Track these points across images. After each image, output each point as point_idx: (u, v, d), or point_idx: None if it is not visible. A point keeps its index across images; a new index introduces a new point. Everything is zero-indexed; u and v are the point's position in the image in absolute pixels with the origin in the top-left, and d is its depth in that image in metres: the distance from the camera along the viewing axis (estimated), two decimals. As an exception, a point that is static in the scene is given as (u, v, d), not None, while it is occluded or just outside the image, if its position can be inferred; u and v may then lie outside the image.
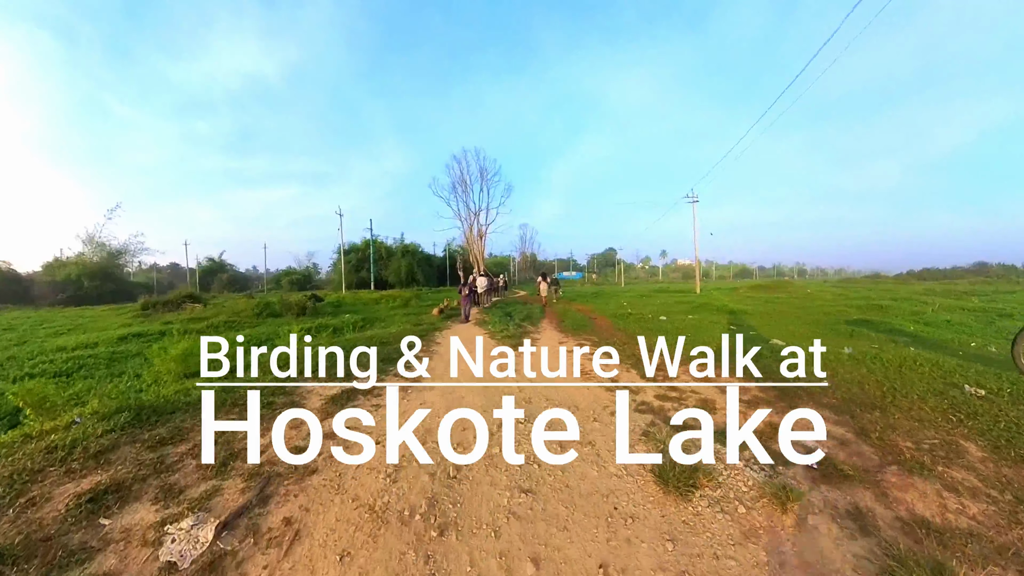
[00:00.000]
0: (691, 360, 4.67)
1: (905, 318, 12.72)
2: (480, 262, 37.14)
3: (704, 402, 4.54)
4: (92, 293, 37.88)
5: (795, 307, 17.17)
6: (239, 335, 9.13)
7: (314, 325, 11.80)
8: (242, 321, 16.24)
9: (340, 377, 5.51)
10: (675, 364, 4.22)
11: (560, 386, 5.18)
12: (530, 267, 59.86)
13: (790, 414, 2.89)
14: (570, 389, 5.13)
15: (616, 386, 4.81)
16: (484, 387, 5.06)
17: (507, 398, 3.23)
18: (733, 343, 4.14)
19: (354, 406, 4.57)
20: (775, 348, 6.92)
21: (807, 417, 2.87)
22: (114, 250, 42.09)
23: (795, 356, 4.50)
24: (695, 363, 4.59)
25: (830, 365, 5.57)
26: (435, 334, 10.38)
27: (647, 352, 4.58)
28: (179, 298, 24.17)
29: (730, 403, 3.20)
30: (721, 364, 4.44)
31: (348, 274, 44.14)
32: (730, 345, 4.19)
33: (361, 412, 3.31)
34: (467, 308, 16.99)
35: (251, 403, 2.95)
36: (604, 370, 5.20)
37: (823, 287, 37.82)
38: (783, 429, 2.83)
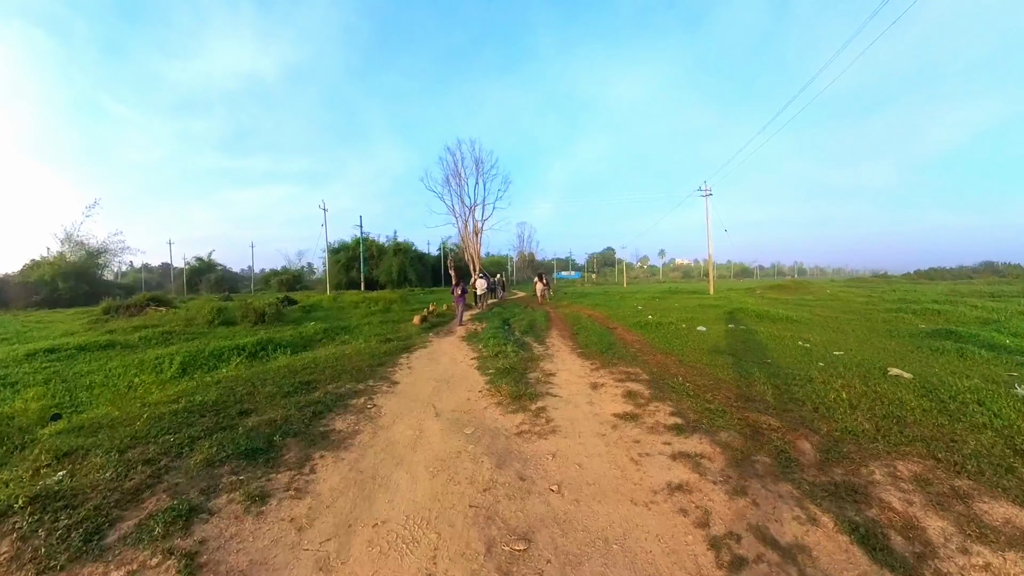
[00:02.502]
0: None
1: (980, 326, 10.39)
2: (476, 261, 34.78)
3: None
4: (66, 295, 36.02)
5: (841, 312, 14.74)
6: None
7: (253, 340, 9.54)
8: (192, 331, 14.02)
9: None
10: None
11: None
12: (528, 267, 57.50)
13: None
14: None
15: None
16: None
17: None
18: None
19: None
20: (914, 387, 4.97)
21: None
22: (93, 249, 39.94)
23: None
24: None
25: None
26: (396, 365, 7.28)
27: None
28: (142, 301, 22.43)
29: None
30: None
31: (337, 274, 41.92)
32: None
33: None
34: (460, 311, 15.32)
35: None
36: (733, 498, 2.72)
37: (843, 288, 35.39)
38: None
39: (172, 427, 3.99)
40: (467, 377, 6.26)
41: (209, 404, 4.69)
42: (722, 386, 5.33)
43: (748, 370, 5.98)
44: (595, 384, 5.66)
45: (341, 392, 5.28)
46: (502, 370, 6.41)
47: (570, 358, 7.49)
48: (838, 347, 8.05)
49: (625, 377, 5.94)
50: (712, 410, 4.36)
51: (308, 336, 11.26)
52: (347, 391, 5.34)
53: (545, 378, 6.01)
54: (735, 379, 5.62)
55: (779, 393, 4.90)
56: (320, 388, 5.42)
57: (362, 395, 5.25)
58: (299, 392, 5.20)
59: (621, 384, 5.57)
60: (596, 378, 6.00)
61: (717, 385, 5.37)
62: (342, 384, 5.68)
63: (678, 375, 5.89)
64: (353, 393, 5.28)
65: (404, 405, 4.88)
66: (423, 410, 4.68)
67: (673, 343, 8.53)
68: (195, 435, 3.77)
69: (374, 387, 5.67)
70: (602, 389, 5.42)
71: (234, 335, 12.01)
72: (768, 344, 8.31)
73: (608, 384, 5.63)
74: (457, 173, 34.45)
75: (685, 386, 5.27)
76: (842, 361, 6.65)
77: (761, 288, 30.78)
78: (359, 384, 5.72)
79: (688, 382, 5.48)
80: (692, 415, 4.24)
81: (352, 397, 5.13)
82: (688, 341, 8.76)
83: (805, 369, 6.07)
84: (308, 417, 4.28)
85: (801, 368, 6.16)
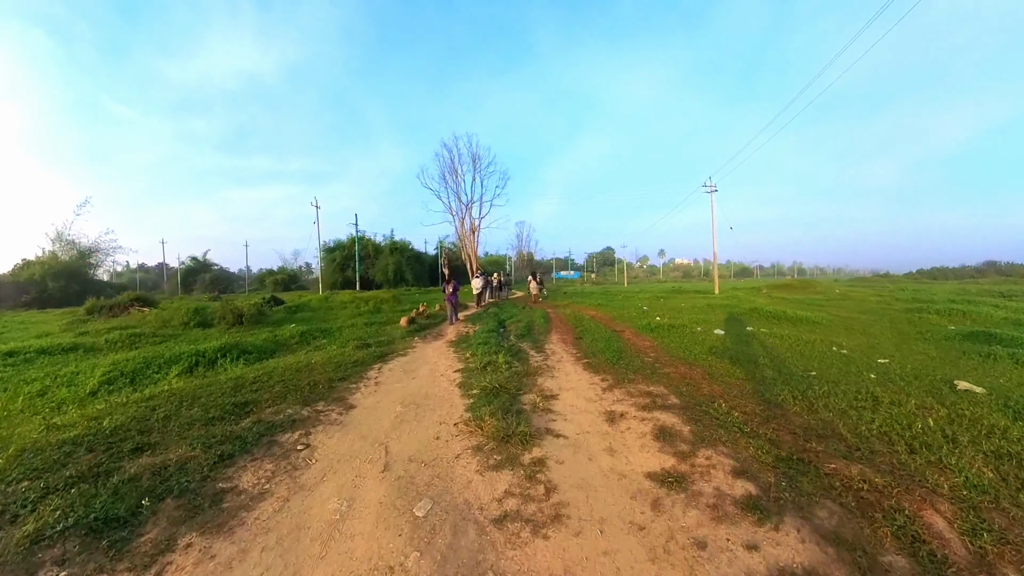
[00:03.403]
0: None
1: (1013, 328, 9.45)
2: (474, 260, 33.90)
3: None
4: (57, 294, 35.50)
5: (858, 313, 13.78)
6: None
7: (216, 346, 8.69)
8: (165, 333, 13.20)
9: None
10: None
11: None
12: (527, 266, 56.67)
13: None
14: None
15: None
16: None
17: None
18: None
19: None
20: (997, 406, 4.16)
21: None
22: (84, 249, 39.31)
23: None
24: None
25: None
26: (362, 379, 6.28)
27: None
28: (126, 301, 22.02)
29: None
30: None
31: (333, 273, 41.09)
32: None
33: None
34: (452, 311, 14.55)
35: None
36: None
37: (850, 287, 34.39)
38: None
39: (40, 468, 3.11)
40: (444, 399, 5.19)
41: (106, 433, 3.79)
42: (775, 413, 4.20)
43: (796, 386, 4.98)
44: (612, 414, 4.34)
45: (277, 421, 4.33)
46: (489, 390, 5.20)
47: (574, 371, 6.41)
48: (877, 353, 7.12)
49: (649, 401, 4.67)
50: (785, 459, 3.16)
51: (282, 340, 10.42)
52: (285, 419, 4.39)
53: (544, 403, 4.76)
54: (787, 400, 4.55)
55: (849, 422, 3.90)
56: (257, 412, 4.51)
57: (301, 426, 4.24)
58: (227, 418, 4.31)
59: (647, 414, 4.27)
60: (611, 402, 4.73)
61: (769, 412, 4.23)
62: (285, 407, 4.73)
63: (715, 396, 4.73)
64: (291, 423, 4.30)
65: (348, 446, 3.82)
66: (370, 456, 3.58)
67: (692, 350, 7.51)
68: (55, 484, 2.87)
69: (322, 413, 4.64)
70: (623, 422, 4.14)
71: (204, 338, 11.20)
72: (800, 350, 7.34)
73: (629, 414, 4.31)
74: (454, 169, 33.58)
75: (732, 416, 4.07)
76: (893, 372, 5.74)
77: (767, 287, 29.80)
78: (305, 408, 4.78)
79: (733, 408, 4.28)
80: (763, 473, 3.02)
81: (286, 429, 4.14)
82: (708, 347, 7.72)
83: (857, 382, 5.12)
84: (213, 462, 3.33)
85: (852, 381, 5.20)
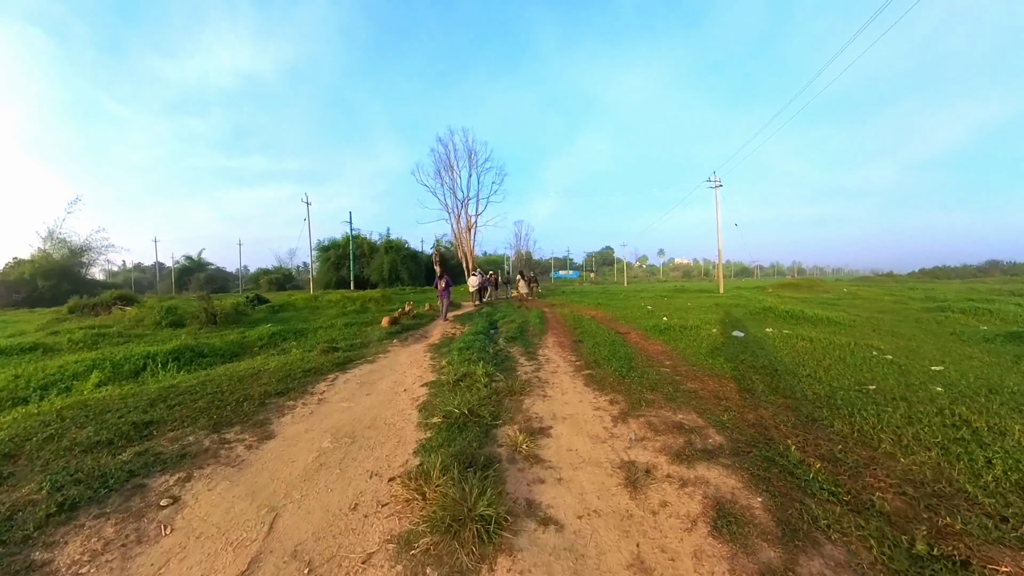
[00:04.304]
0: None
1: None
2: (470, 258, 33.09)
3: None
4: (48, 293, 35.00)
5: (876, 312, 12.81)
6: None
7: (172, 348, 7.93)
8: (134, 333, 12.46)
9: None
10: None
11: None
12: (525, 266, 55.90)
13: None
14: None
15: None
16: None
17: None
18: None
19: None
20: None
21: None
22: (76, 247, 38.74)
23: None
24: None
25: None
26: (305, 394, 5.19)
27: None
28: (109, 300, 21.51)
29: None
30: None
31: (327, 272, 40.38)
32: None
33: None
34: (445, 307, 13.99)
35: None
36: None
37: (857, 286, 33.46)
38: None
39: None
40: (392, 431, 3.90)
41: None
42: (859, 455, 2.93)
43: (860, 407, 3.89)
44: (632, 470, 2.83)
45: (166, 453, 3.42)
46: (455, 419, 3.83)
47: (573, 387, 5.12)
48: (923, 358, 6.10)
49: (684, 442, 3.23)
50: (922, 559, 1.95)
51: (249, 342, 9.64)
52: (175, 451, 3.46)
53: (528, 444, 3.32)
54: (862, 430, 3.35)
55: (962, 465, 2.78)
56: (156, 436, 3.68)
57: (188, 464, 3.22)
58: (115, 443, 3.52)
59: (686, 470, 2.80)
60: (627, 443, 3.31)
61: (848, 452, 2.95)
62: (189, 432, 3.89)
63: (765, 425, 3.44)
64: (179, 458, 3.33)
65: (225, 510, 2.65)
66: (244, 534, 2.39)
67: (716, 358, 6.33)
68: None
69: (226, 445, 3.60)
70: (652, 490, 2.64)
71: (170, 339, 10.42)
72: (839, 356, 6.24)
73: (660, 469, 2.83)
74: (449, 165, 32.77)
75: (810, 468, 2.70)
76: (958, 383, 4.71)
77: (773, 287, 28.89)
78: (212, 435, 3.84)
79: (804, 451, 2.94)
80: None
81: (167, 468, 3.16)
82: (730, 353, 6.56)
83: (928, 399, 4.06)
84: (48, 513, 2.51)
85: (921, 398, 4.13)
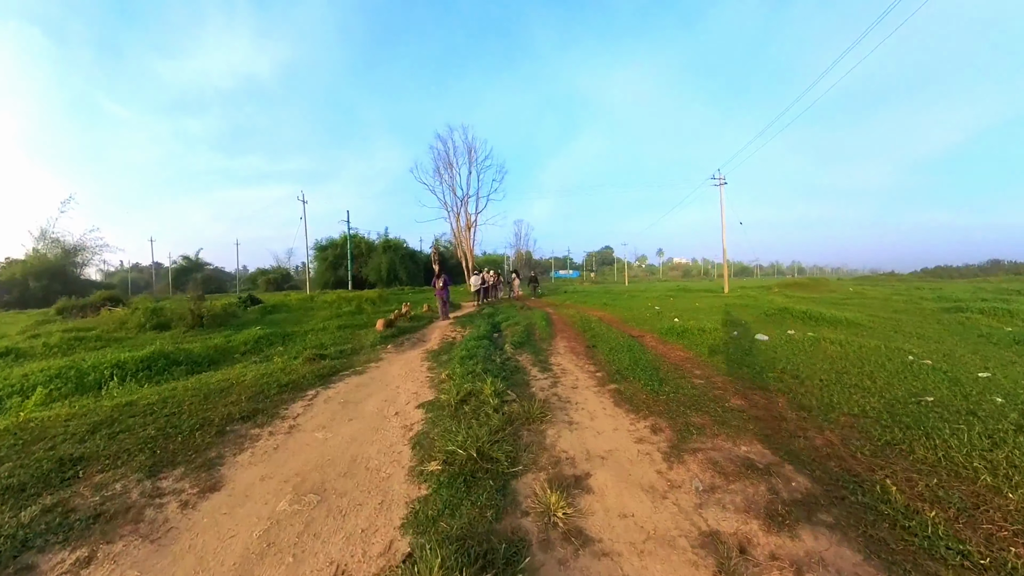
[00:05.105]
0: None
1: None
2: (469, 257, 32.56)
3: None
4: (39, 294, 34.42)
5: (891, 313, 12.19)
6: None
7: (145, 354, 7.40)
8: (116, 336, 11.90)
9: None
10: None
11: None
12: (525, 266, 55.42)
13: None
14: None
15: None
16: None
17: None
18: None
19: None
20: None
21: None
22: (69, 247, 38.13)
23: None
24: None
25: None
26: (276, 418, 4.43)
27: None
28: (99, 300, 21.28)
29: None
30: None
31: (324, 272, 39.83)
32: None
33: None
34: (444, 307, 13.54)
35: None
36: None
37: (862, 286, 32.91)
38: None
39: None
40: (373, 484, 3.00)
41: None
42: (972, 489, 2.55)
43: (930, 425, 3.49)
44: (720, 554, 2.08)
45: (81, 511, 2.72)
46: (460, 465, 2.96)
47: (601, 408, 4.38)
48: (963, 364, 5.58)
49: (765, 489, 2.61)
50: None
51: (232, 347, 9.08)
52: (91, 508, 2.75)
53: (566, 511, 2.43)
54: (951, 455, 2.94)
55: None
56: (80, 481, 3.06)
57: (92, 538, 2.45)
58: (26, 491, 2.94)
59: (791, 540, 2.17)
60: (697, 504, 2.52)
61: (961, 493, 2.50)
62: (120, 476, 3.18)
63: (839, 455, 3.03)
64: (91, 520, 2.61)
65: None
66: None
67: (750, 367, 5.74)
68: None
69: (153, 502, 2.82)
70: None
71: (151, 342, 9.86)
72: (877, 362, 5.64)
73: (757, 546, 2.14)
74: (448, 163, 32.34)
75: (934, 527, 2.19)
76: (1014, 392, 4.30)
77: (778, 286, 28.34)
78: (144, 483, 3.09)
79: (909, 496, 2.49)
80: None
81: (64, 543, 2.42)
82: (763, 360, 6.05)
83: (994, 413, 3.65)
84: None
85: (986, 410, 3.72)
